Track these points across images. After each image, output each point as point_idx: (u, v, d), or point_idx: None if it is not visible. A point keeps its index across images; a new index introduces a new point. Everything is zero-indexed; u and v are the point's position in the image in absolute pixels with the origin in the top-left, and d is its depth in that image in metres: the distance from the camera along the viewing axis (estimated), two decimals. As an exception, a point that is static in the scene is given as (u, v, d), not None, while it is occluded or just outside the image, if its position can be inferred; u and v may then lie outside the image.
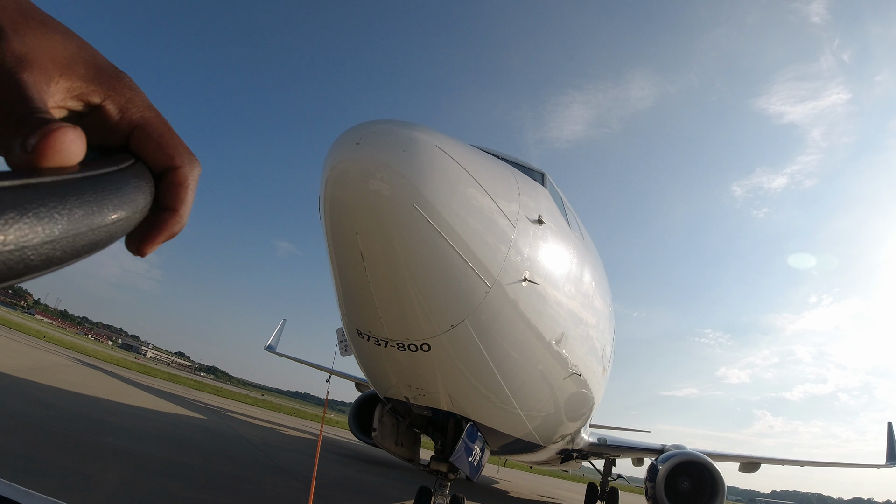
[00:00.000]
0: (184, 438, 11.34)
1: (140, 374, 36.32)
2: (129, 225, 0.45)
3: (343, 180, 3.03)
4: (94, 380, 19.50)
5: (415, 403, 4.32)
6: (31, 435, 7.00)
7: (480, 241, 3.38)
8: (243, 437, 15.21)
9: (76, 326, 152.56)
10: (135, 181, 0.46)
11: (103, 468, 6.44)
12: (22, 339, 28.68)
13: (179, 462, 8.33)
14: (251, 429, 19.27)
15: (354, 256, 3.20)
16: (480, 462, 4.60)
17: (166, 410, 16.39)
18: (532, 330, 4.12)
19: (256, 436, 16.82)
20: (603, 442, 14.70)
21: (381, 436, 4.95)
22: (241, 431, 16.48)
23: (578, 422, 7.33)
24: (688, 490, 11.73)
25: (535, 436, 5.66)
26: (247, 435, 15.95)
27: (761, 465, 16.48)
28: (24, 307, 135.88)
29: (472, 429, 4.47)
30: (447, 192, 3.18)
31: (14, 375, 12.64)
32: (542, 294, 4.04)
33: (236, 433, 15.70)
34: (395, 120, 3.28)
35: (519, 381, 4.42)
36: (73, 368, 21.13)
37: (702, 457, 11.96)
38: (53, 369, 17.94)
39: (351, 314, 3.80)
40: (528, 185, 4.25)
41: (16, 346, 21.95)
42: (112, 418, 11.26)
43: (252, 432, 17.69)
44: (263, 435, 18.20)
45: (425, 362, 3.72)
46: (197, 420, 16.37)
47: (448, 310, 3.47)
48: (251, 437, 15.78)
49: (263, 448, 13.59)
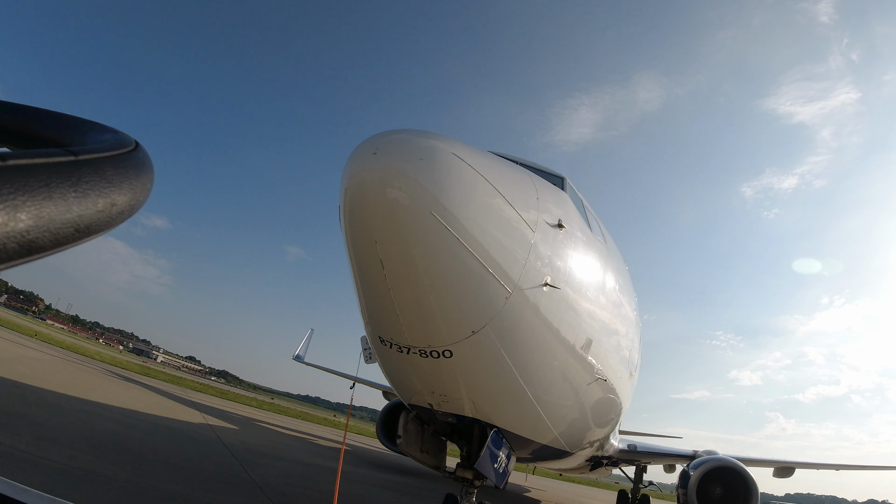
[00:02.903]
0: (127, 441, 8.64)
1: (139, 374, 34.04)
2: (140, 205, 0.48)
3: (362, 190, 3.06)
4: (58, 374, 16.92)
5: (439, 410, 4.24)
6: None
7: (499, 247, 3.36)
8: (221, 441, 12.42)
9: (87, 331, 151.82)
10: (149, 162, 0.50)
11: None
12: (8, 335, 26.65)
13: (90, 474, 5.62)
14: (241, 432, 16.52)
15: (375, 265, 3.21)
16: (506, 469, 4.49)
17: (130, 407, 13.66)
18: (554, 335, 4.04)
19: (241, 440, 14.07)
20: (633, 448, 14.38)
21: (406, 443, 4.87)
22: (222, 435, 13.68)
23: (606, 427, 7.13)
24: (720, 497, 11.49)
25: (561, 442, 5.55)
26: (227, 439, 13.15)
27: (795, 470, 16.24)
28: (36, 312, 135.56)
29: (497, 435, 4.37)
30: (465, 199, 3.18)
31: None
32: (563, 299, 3.97)
33: (215, 437, 12.93)
34: (412, 129, 3.29)
35: (543, 387, 4.34)
36: (40, 363, 18.59)
37: (735, 462, 11.67)
38: (13, 361, 15.63)
39: (373, 322, 3.78)
40: (548, 190, 4.23)
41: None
42: (34, 412, 8.67)
43: (237, 436, 14.93)
44: (252, 439, 15.45)
45: (448, 369, 3.66)
46: (166, 420, 13.58)
47: (469, 316, 3.43)
48: (231, 441, 12.99)
49: (243, 455, 10.82)
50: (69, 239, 0.39)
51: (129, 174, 0.45)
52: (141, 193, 0.47)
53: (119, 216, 0.44)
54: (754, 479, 11.36)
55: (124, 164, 0.46)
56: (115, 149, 0.47)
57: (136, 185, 0.46)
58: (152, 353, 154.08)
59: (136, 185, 0.46)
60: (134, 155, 0.48)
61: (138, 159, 0.48)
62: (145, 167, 0.49)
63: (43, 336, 38.04)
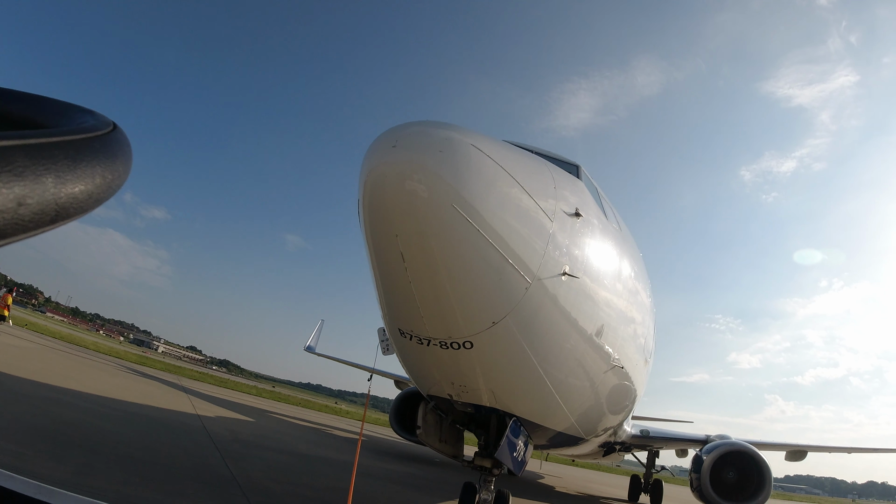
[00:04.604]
0: (90, 432, 7.44)
1: (135, 364, 33.01)
2: (118, 187, 0.46)
3: (382, 184, 3.06)
4: (34, 362, 15.75)
5: (458, 400, 4.25)
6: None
7: (519, 238, 3.37)
8: (206, 430, 11.27)
9: (88, 323, 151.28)
10: (126, 143, 0.48)
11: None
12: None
13: (18, 471, 4.35)
14: (232, 421, 15.41)
15: (395, 258, 3.21)
16: (524, 457, 4.58)
17: (111, 396, 12.45)
18: (573, 323, 4.07)
19: (230, 429, 12.94)
20: (646, 434, 14.47)
21: (426, 433, 4.94)
22: (209, 424, 12.52)
23: (621, 414, 7.20)
24: (734, 481, 11.60)
25: (577, 429, 5.62)
26: (214, 428, 12.00)
27: (808, 454, 16.44)
28: (35, 305, 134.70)
29: (516, 424, 4.41)
30: (484, 190, 3.19)
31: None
32: (582, 288, 4.01)
33: (200, 426, 11.77)
34: (430, 121, 3.29)
35: (562, 375, 4.36)
36: (18, 350, 17.41)
37: (748, 447, 11.77)
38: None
39: (393, 314, 3.78)
40: (564, 179, 4.24)
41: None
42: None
43: (226, 425, 13.80)
44: (244, 427, 14.34)
45: (468, 360, 3.68)
46: (147, 409, 12.39)
47: (489, 307, 3.45)
48: (218, 430, 11.85)
49: (229, 446, 9.67)
50: (42, 223, 0.38)
51: (105, 156, 0.44)
52: (118, 176, 0.45)
53: (94, 199, 0.42)
54: (768, 463, 11.39)
55: (101, 146, 0.44)
56: (91, 130, 0.45)
57: (113, 167, 0.45)
58: (153, 343, 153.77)
59: (113, 167, 0.45)
60: (111, 137, 0.47)
61: (116, 141, 0.47)
62: (123, 149, 0.48)
63: (34, 326, 36.92)
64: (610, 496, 18.27)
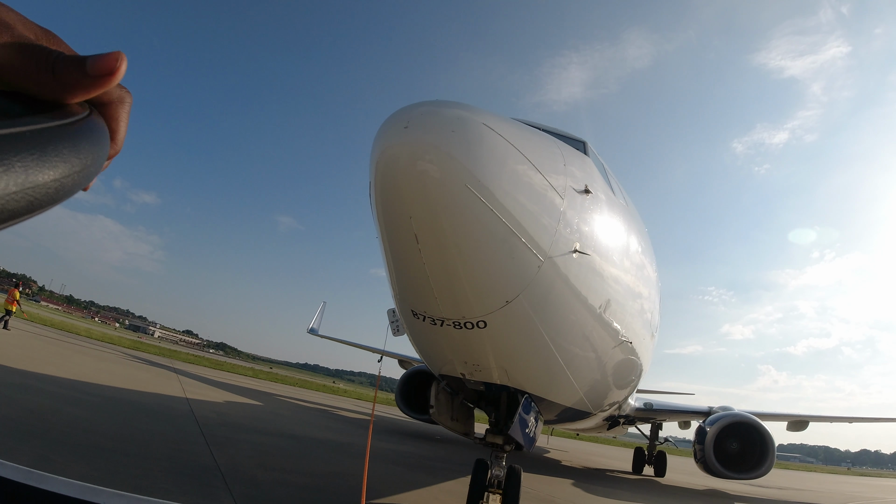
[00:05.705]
0: (56, 419, 6.72)
1: (129, 349, 32.34)
2: (96, 172, 0.45)
3: (394, 165, 3.00)
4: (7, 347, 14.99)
5: (470, 379, 4.25)
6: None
7: (531, 216, 3.33)
8: (193, 414, 10.60)
9: (82, 311, 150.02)
10: (101, 128, 0.47)
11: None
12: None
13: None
14: (223, 404, 14.78)
15: (409, 239, 3.18)
16: (535, 433, 4.58)
17: (91, 381, 11.71)
18: (583, 300, 4.07)
19: (220, 412, 12.30)
20: (649, 406, 14.60)
21: (438, 412, 4.97)
22: (197, 408, 11.85)
23: (627, 389, 7.19)
24: (737, 451, 11.80)
25: (586, 403, 5.64)
26: (202, 412, 11.34)
27: (809, 424, 16.74)
28: (29, 294, 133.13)
29: (528, 401, 4.41)
30: (497, 169, 3.14)
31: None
32: (592, 264, 4.00)
33: (188, 410, 11.10)
34: (440, 101, 3.22)
35: (573, 352, 4.38)
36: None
37: (750, 417, 11.95)
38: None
39: (405, 295, 3.75)
40: (573, 156, 4.19)
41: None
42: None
43: (216, 408, 13.15)
44: (234, 410, 13.72)
45: (481, 339, 3.68)
46: (130, 394, 11.69)
47: (503, 286, 3.42)
48: (206, 413, 11.20)
49: (216, 430, 9.02)
50: (18, 213, 0.36)
51: (81, 142, 0.42)
52: (95, 162, 0.44)
53: (69, 187, 0.41)
54: (770, 433, 11.59)
55: (77, 132, 0.42)
56: (68, 116, 0.43)
57: (90, 153, 0.43)
58: (149, 328, 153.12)
59: (90, 153, 0.43)
60: (88, 122, 0.45)
61: (93, 126, 0.45)
62: (100, 135, 0.46)
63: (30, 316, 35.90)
64: (615, 468, 18.14)
